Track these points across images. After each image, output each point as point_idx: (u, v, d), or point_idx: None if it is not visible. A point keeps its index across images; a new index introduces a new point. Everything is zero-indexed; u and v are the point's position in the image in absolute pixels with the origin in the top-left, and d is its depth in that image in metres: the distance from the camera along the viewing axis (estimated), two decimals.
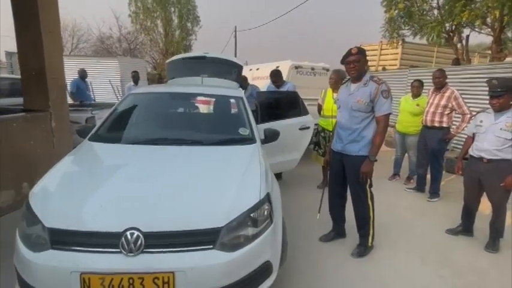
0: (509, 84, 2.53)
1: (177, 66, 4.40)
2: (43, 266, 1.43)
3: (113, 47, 23.41)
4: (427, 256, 2.67)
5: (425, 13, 8.09)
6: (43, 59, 3.55)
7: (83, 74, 6.52)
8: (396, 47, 10.04)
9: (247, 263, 1.59)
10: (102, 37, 23.02)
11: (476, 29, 7.58)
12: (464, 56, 7.91)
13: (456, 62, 7.94)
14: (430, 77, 4.01)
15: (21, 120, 3.44)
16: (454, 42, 8.08)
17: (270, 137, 2.70)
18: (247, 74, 7.06)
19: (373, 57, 12.09)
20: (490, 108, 2.68)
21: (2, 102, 5.15)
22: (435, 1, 7.84)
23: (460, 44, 8.09)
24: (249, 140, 2.44)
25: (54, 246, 1.46)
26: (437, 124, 3.87)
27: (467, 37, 8.00)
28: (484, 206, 3.26)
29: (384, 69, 10.70)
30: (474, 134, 2.82)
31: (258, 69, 6.87)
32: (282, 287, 2.11)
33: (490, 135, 2.61)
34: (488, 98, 2.66)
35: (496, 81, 2.56)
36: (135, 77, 6.68)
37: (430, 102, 3.96)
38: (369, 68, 2.29)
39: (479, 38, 8.04)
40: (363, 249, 2.60)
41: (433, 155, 3.96)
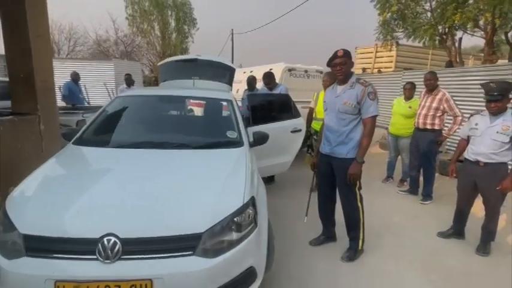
0: (506, 87, 2.49)
1: (169, 68, 4.39)
2: (16, 273, 1.39)
3: (109, 49, 23.38)
4: (418, 260, 2.65)
5: (418, 16, 8.13)
6: (31, 62, 3.50)
7: (75, 77, 6.48)
8: (390, 50, 10.08)
9: (229, 269, 1.56)
10: (99, 40, 22.99)
11: (468, 31, 7.62)
12: (457, 59, 7.93)
13: (449, 64, 7.98)
14: (423, 78, 4.00)
15: (9, 123, 3.38)
16: (448, 44, 8.11)
17: (259, 140, 2.67)
18: (241, 76, 7.05)
19: (369, 60, 12.14)
20: (485, 110, 2.65)
21: None
22: (428, 4, 7.88)
23: (453, 47, 8.12)
24: (236, 143, 2.41)
25: (28, 254, 1.43)
26: (429, 126, 3.86)
27: (459, 40, 8.04)
28: (475, 209, 3.25)
29: (380, 71, 10.73)
30: (469, 137, 2.78)
31: (251, 71, 6.85)
32: None
33: (486, 139, 2.56)
34: (485, 101, 2.60)
35: (494, 85, 2.51)
36: (128, 79, 6.63)
37: (422, 105, 3.95)
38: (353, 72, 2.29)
39: (474, 40, 8.11)
40: (353, 252, 2.57)
41: (425, 157, 3.95)
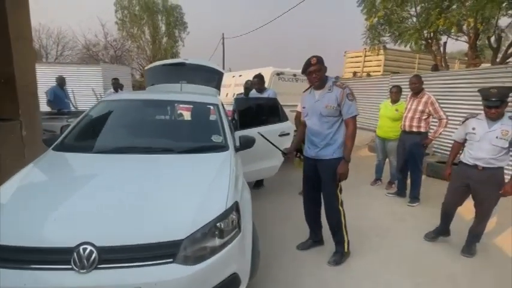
0: (506, 92, 2.45)
1: (156, 72, 4.34)
2: None
3: (99, 54, 23.14)
4: (405, 263, 2.65)
5: (403, 20, 8.30)
6: (12, 66, 3.42)
7: (61, 82, 6.36)
8: (378, 54, 10.24)
9: (211, 276, 1.53)
10: (88, 44, 22.75)
11: (452, 36, 7.80)
12: (442, 63, 8.11)
13: (435, 68, 8.15)
14: (408, 82, 4.05)
15: None
16: (433, 49, 8.29)
17: (245, 144, 2.65)
18: (230, 80, 7.05)
19: (358, 64, 12.30)
20: (481, 114, 2.61)
21: None
22: (413, 9, 8.05)
23: (438, 51, 8.30)
24: (221, 148, 2.38)
25: (1, 265, 1.36)
26: (415, 129, 3.91)
27: (444, 44, 8.23)
28: (461, 210, 3.28)
29: (369, 75, 10.88)
30: (464, 140, 2.75)
31: (240, 75, 6.85)
32: None
33: (485, 144, 2.52)
34: (483, 106, 2.54)
35: (495, 90, 2.45)
36: (116, 84, 6.55)
37: (407, 108, 4.00)
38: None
39: (459, 45, 8.31)
40: (339, 256, 2.57)
41: (412, 160, 3.99)
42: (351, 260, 2.62)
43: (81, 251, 1.36)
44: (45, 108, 5.99)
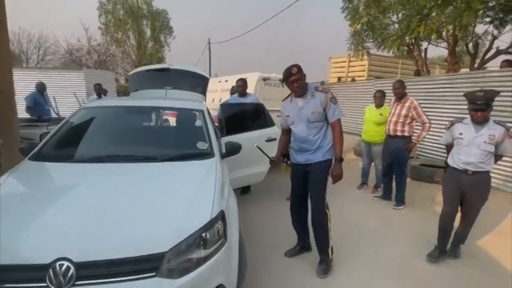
0: (492, 96, 2.44)
1: (141, 78, 4.26)
2: None
3: (82, 59, 22.64)
4: (392, 267, 2.67)
5: (386, 27, 8.50)
6: None
7: (41, 87, 6.15)
8: (362, 59, 10.44)
9: None
10: (71, 49, 22.23)
11: (432, 42, 8.04)
12: (424, 68, 8.34)
13: (417, 73, 8.37)
14: (392, 87, 4.12)
15: None
16: (415, 54, 8.52)
17: (231, 150, 2.62)
18: (216, 85, 7.01)
19: (342, 69, 12.50)
20: (467, 118, 2.59)
21: None
22: (395, 16, 8.27)
23: (420, 56, 8.54)
24: (207, 155, 2.34)
25: None
26: (399, 133, 3.98)
27: (425, 50, 8.47)
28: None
29: (353, 80, 11.06)
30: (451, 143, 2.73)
31: (226, 81, 6.83)
32: None
33: (474, 149, 2.51)
34: (469, 110, 2.52)
35: (481, 93, 2.42)
36: (99, 90, 6.39)
37: (392, 112, 4.07)
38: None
39: (440, 51, 8.57)
40: (325, 265, 2.53)
41: (396, 163, 4.05)
42: (339, 266, 2.61)
43: (57, 268, 1.29)
44: (24, 115, 5.79)
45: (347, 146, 6.98)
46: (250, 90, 5.15)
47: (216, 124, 3.35)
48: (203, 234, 1.55)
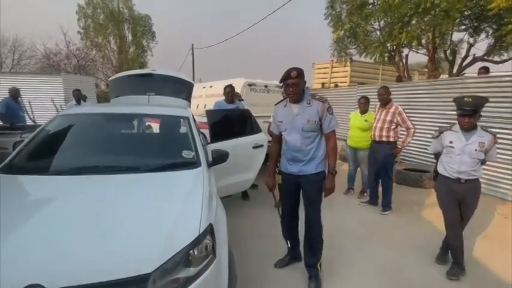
0: (481, 102, 2.42)
1: (122, 84, 4.11)
2: None
3: (61, 63, 21.90)
4: (381, 274, 2.64)
5: (368, 34, 8.70)
6: None
7: (14, 93, 5.84)
8: (345, 66, 10.62)
9: None
10: (49, 53, 21.47)
11: (413, 49, 8.29)
12: (405, 74, 8.57)
13: (399, 79, 8.59)
14: (377, 93, 4.17)
15: None
16: (396, 60, 8.74)
17: (218, 158, 2.53)
18: (201, 91, 6.90)
19: (325, 75, 12.67)
20: (455, 125, 2.56)
21: None
22: (377, 23, 8.48)
23: (401, 63, 8.77)
24: (192, 164, 2.23)
25: None
26: (384, 139, 4.01)
27: (406, 56, 8.72)
28: (434, 219, 3.37)
29: (336, 86, 11.22)
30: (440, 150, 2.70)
31: (211, 86, 6.74)
32: None
33: (465, 158, 2.48)
34: (457, 115, 2.49)
35: (469, 99, 2.38)
36: (78, 95, 6.15)
37: (377, 118, 4.10)
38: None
39: (419, 57, 8.81)
40: (315, 280, 2.44)
41: (382, 169, 4.07)
42: (330, 275, 2.56)
43: None
44: None
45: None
46: None
47: (201, 131, 3.25)
48: (191, 251, 1.45)
